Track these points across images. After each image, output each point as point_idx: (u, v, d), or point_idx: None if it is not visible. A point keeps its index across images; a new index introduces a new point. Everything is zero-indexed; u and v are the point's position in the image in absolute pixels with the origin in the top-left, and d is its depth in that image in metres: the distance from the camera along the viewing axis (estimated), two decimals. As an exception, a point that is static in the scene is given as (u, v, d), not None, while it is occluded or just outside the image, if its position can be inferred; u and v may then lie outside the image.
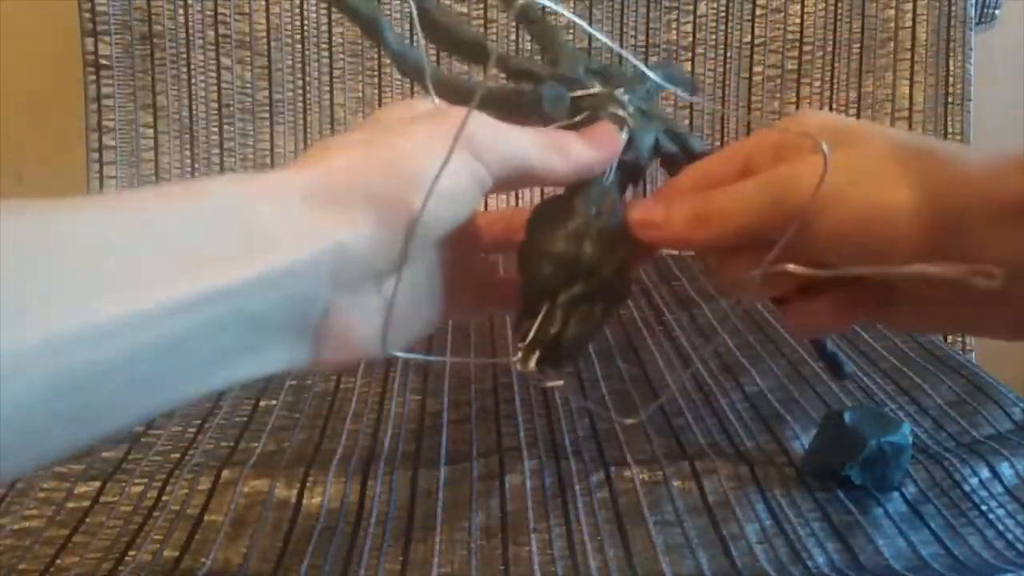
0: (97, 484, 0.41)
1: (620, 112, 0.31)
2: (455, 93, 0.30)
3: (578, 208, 0.29)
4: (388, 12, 0.83)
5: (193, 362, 0.20)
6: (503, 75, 0.33)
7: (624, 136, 0.31)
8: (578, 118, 0.31)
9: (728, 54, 0.85)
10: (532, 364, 0.28)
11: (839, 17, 0.85)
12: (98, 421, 0.19)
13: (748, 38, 0.85)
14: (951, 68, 0.84)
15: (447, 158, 0.23)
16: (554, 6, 0.30)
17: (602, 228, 0.29)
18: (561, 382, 0.31)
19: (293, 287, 0.22)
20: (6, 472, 0.18)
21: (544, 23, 0.35)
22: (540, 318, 0.28)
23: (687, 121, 0.86)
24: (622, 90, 0.32)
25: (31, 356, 0.17)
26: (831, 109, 0.86)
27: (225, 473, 0.42)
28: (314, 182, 0.22)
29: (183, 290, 0.19)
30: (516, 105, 0.31)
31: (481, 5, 0.83)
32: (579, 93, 0.31)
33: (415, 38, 0.32)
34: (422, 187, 0.23)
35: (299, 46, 0.83)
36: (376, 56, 0.84)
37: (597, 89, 0.32)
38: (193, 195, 0.21)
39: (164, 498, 0.41)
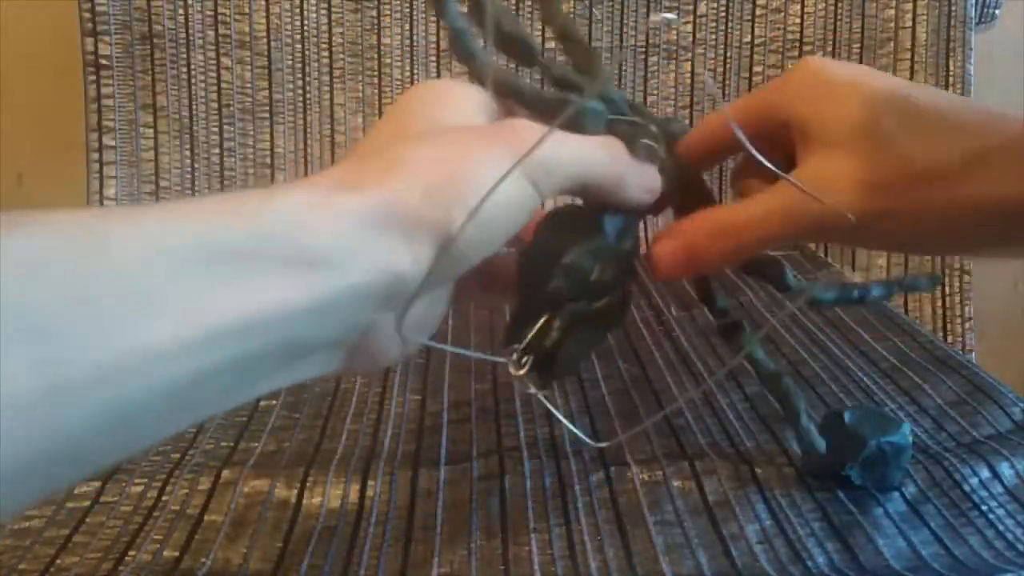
0: (97, 484, 0.41)
1: (654, 145, 0.30)
2: (503, 84, 0.29)
3: (603, 227, 0.28)
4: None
5: (234, 381, 0.20)
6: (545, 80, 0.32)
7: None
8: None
9: (728, 54, 0.85)
10: (524, 369, 0.28)
11: (839, 17, 0.85)
12: (133, 444, 0.19)
13: (748, 38, 0.85)
14: (951, 68, 0.84)
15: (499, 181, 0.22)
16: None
17: (622, 254, 0.29)
18: (545, 392, 0.29)
19: (345, 312, 0.21)
20: (38, 499, 0.18)
21: (583, 43, 0.34)
22: (539, 326, 0.28)
23: (688, 122, 0.86)
24: (654, 127, 0.31)
25: (84, 386, 0.16)
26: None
27: (225, 473, 0.42)
28: (381, 209, 0.22)
29: (239, 314, 0.19)
30: (555, 112, 0.30)
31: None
32: (617, 117, 0.30)
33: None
34: (487, 221, 0.23)
35: (299, 46, 0.83)
36: (376, 56, 0.84)
37: (634, 118, 0.31)
38: (255, 211, 0.20)
39: (164, 498, 0.41)
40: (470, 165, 0.23)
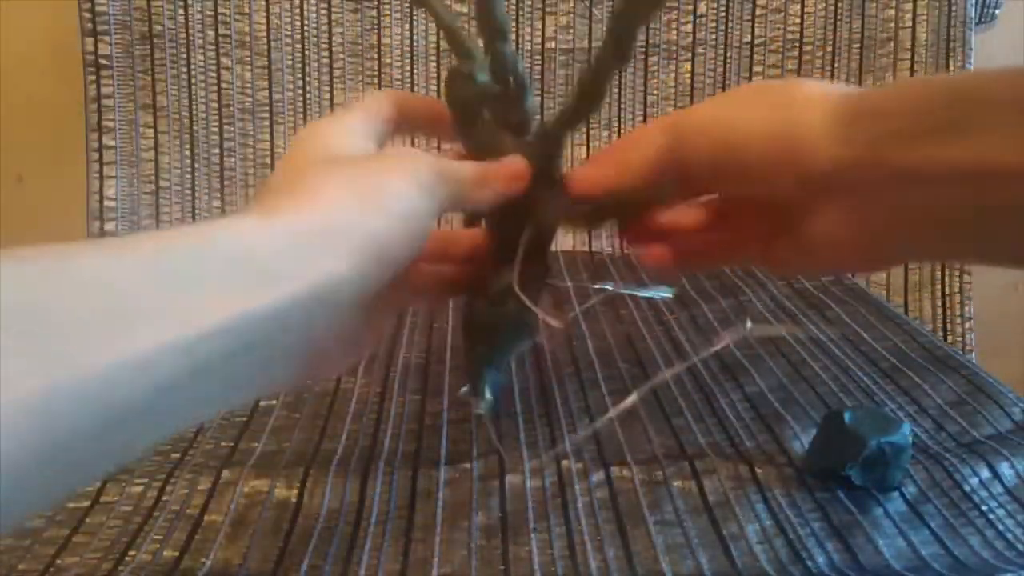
0: (97, 484, 0.41)
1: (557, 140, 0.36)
2: (461, 51, 0.34)
3: (512, 286, 0.34)
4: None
5: (198, 394, 0.22)
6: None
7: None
8: (530, 136, 0.36)
9: (728, 54, 0.85)
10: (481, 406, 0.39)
11: (839, 17, 0.85)
12: (125, 449, 0.21)
13: (748, 38, 0.85)
14: (951, 68, 0.84)
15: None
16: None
17: (531, 297, 0.35)
18: (482, 412, 0.39)
19: (300, 316, 0.24)
20: (36, 509, 0.19)
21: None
22: (487, 373, 0.39)
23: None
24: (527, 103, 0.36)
25: (76, 391, 0.18)
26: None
27: (225, 473, 0.42)
28: (312, 225, 0.25)
29: (199, 325, 0.21)
30: (503, 99, 0.35)
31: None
32: (491, 88, 0.35)
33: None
34: (405, 227, 0.28)
35: (299, 46, 0.83)
36: (376, 56, 0.84)
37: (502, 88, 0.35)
38: (200, 238, 0.23)
39: (164, 498, 0.41)
40: (391, 182, 0.28)
